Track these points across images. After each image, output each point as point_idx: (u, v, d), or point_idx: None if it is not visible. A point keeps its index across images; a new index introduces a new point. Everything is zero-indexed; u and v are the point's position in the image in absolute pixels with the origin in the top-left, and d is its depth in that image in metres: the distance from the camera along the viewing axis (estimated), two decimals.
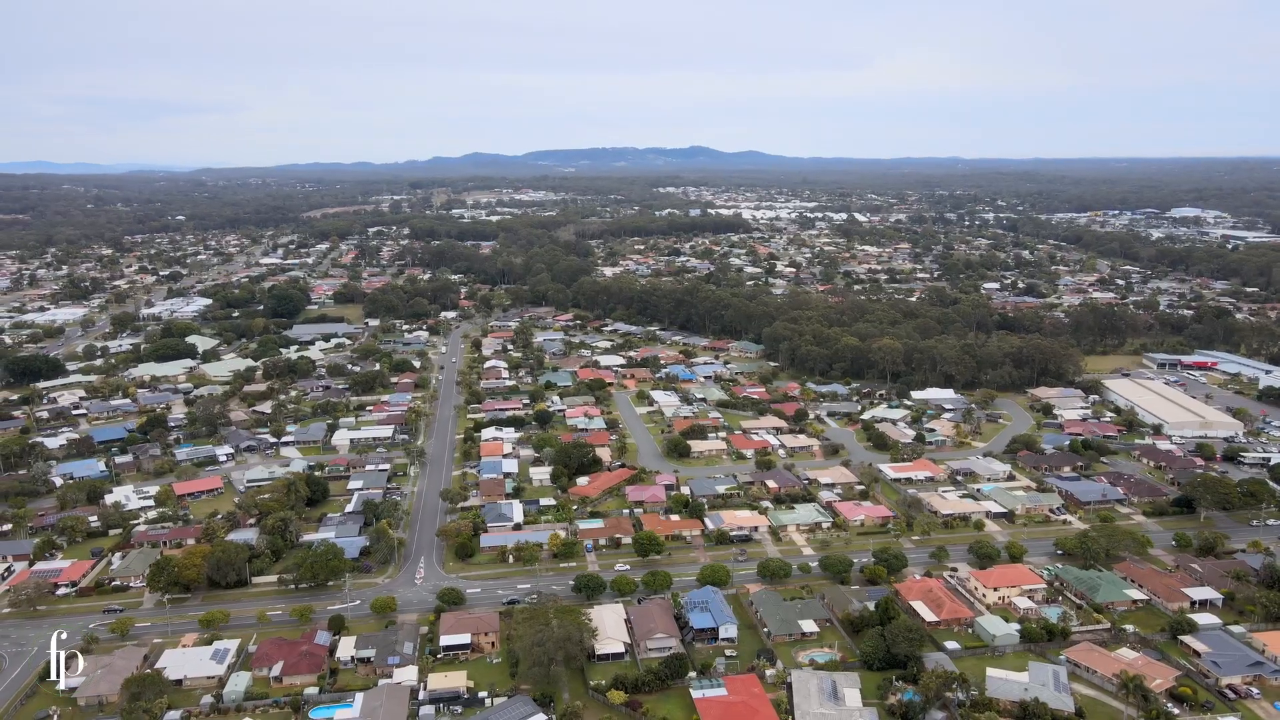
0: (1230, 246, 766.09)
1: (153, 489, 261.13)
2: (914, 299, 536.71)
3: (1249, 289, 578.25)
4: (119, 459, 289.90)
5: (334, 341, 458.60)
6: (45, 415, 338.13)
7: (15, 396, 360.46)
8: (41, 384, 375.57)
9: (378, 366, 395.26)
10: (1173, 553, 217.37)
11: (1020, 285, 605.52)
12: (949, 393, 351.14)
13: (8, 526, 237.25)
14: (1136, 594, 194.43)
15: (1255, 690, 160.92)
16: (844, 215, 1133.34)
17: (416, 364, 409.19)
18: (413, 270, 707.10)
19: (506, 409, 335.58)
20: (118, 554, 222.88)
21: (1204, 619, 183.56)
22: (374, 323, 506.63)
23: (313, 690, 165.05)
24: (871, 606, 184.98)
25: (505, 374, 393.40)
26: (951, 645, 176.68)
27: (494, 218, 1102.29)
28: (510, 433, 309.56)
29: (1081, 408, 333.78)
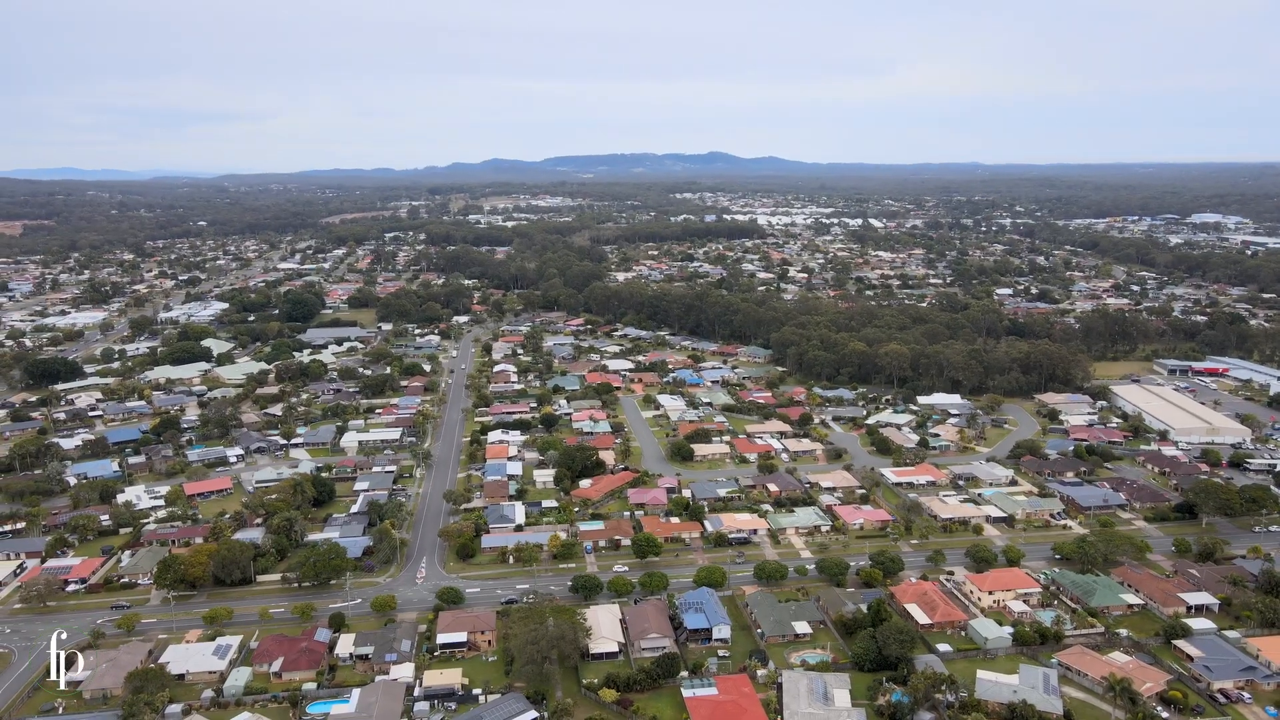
0: (1250, 252, 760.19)
1: (164, 489, 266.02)
2: (924, 304, 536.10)
3: (1266, 295, 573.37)
4: (132, 459, 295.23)
5: (346, 345, 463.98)
6: (62, 416, 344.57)
7: (34, 398, 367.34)
8: (60, 386, 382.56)
9: (388, 370, 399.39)
10: (1172, 558, 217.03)
11: (1033, 291, 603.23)
12: (955, 398, 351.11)
13: (21, 524, 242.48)
14: (1132, 598, 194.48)
15: (1247, 695, 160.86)
16: (860, 221, 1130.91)
17: (427, 368, 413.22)
18: (427, 275, 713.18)
19: (514, 412, 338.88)
20: (127, 552, 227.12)
21: (1199, 624, 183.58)
22: (387, 327, 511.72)
23: (311, 686, 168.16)
24: (865, 609, 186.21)
25: (514, 378, 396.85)
26: (944, 648, 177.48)
27: (510, 223, 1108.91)
28: (516, 436, 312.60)
29: (1088, 413, 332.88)
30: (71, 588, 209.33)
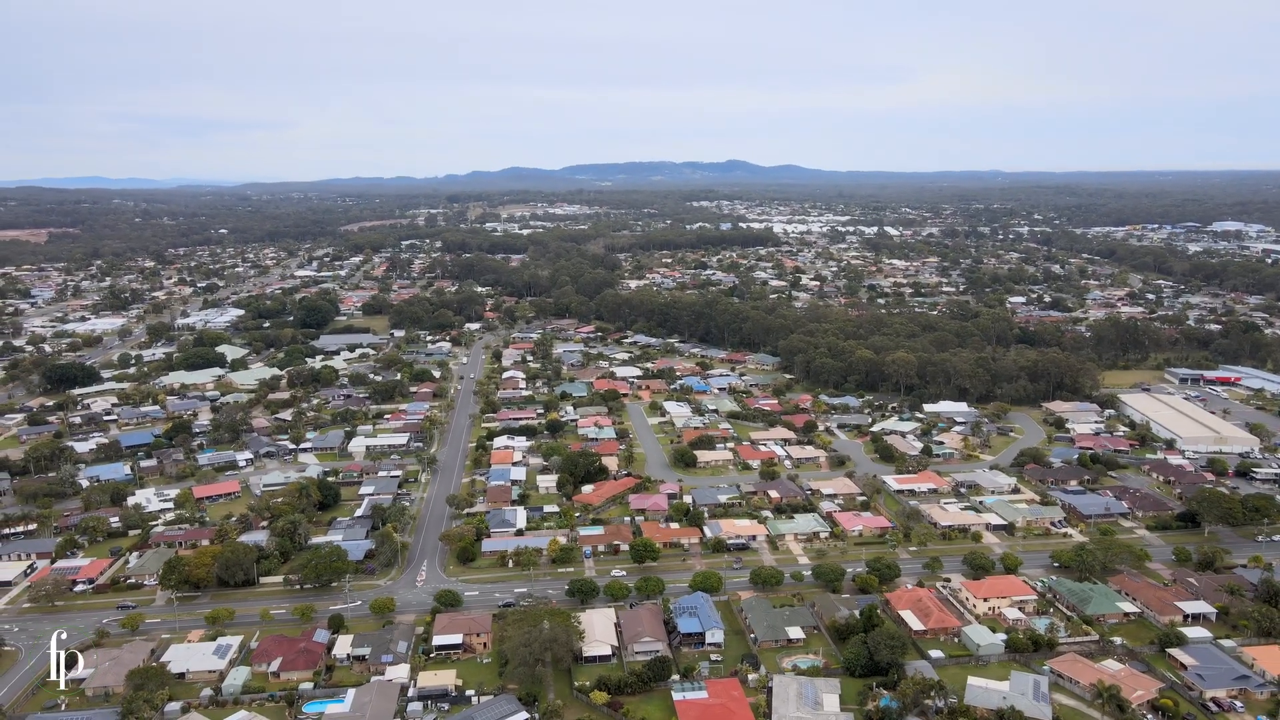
0: (1270, 261, 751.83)
1: (173, 492, 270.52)
2: (935, 313, 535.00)
3: None
4: (144, 463, 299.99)
5: (358, 351, 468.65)
6: (78, 421, 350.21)
7: (51, 403, 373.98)
8: (77, 391, 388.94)
9: (399, 376, 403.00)
10: (1171, 567, 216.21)
11: (1046, 299, 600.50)
12: (962, 406, 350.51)
13: (33, 526, 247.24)
14: (1128, 607, 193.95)
15: (1239, 704, 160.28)
16: (876, 229, 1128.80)
17: (437, 374, 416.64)
18: (442, 282, 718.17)
19: (520, 418, 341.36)
20: (135, 553, 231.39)
21: (1195, 633, 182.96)
22: (399, 333, 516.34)
23: (308, 685, 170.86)
24: (858, 614, 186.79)
25: (523, 384, 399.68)
26: (936, 654, 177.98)
27: (525, 231, 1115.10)
28: (522, 441, 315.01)
29: (1095, 422, 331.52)
30: (79, 588, 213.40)
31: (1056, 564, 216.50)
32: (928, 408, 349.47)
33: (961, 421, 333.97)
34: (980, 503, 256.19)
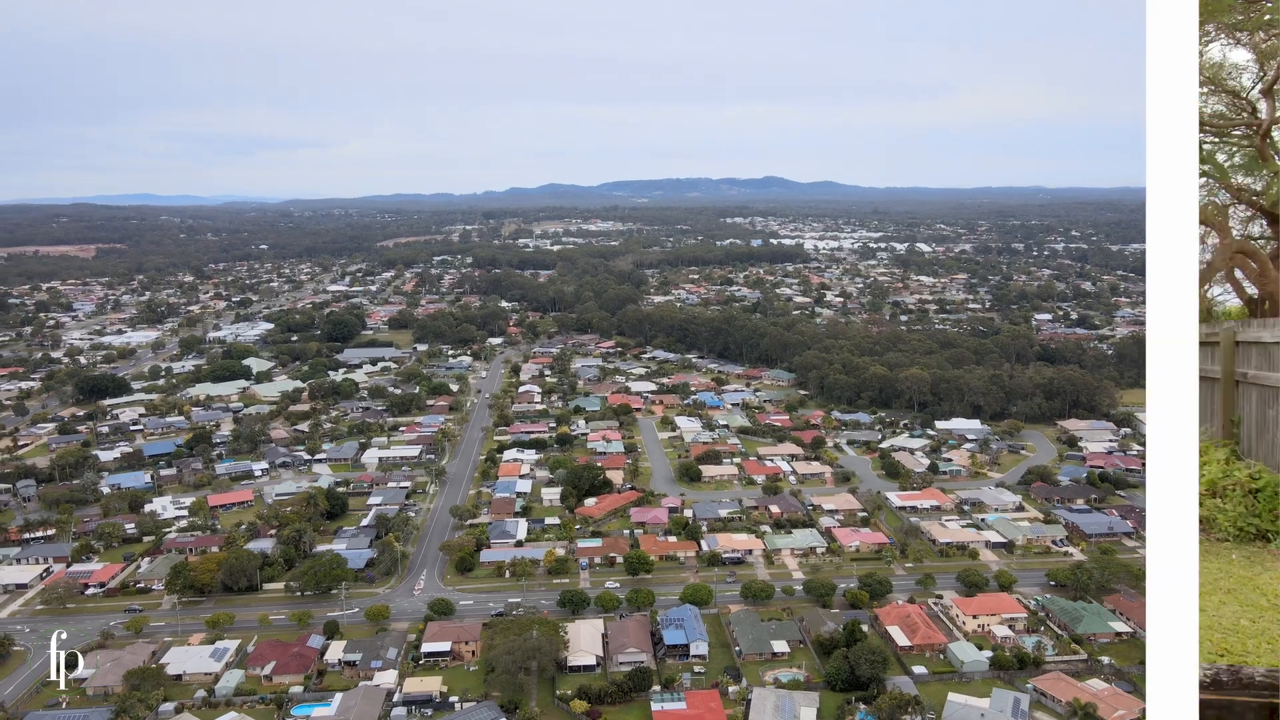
0: None
1: (189, 500, 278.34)
2: (956, 329, 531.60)
3: None
4: (165, 472, 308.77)
5: (380, 365, 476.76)
6: (105, 430, 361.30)
7: (82, 413, 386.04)
8: (107, 401, 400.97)
9: (417, 389, 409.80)
10: None
11: (1073, 316, 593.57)
12: (974, 423, 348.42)
13: (52, 531, 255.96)
14: (1121, 626, 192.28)
15: None
16: (907, 245, 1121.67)
17: (454, 387, 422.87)
18: (469, 298, 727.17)
19: (532, 432, 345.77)
20: (146, 559, 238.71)
21: None
22: (422, 347, 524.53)
23: (298, 689, 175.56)
24: (842, 629, 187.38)
25: (538, 398, 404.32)
26: (920, 670, 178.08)
27: (556, 247, 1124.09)
28: (531, 454, 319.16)
29: (1110, 440, 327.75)
30: (91, 591, 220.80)
31: (1052, 583, 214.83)
32: (939, 424, 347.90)
33: (972, 439, 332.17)
34: (982, 520, 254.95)
